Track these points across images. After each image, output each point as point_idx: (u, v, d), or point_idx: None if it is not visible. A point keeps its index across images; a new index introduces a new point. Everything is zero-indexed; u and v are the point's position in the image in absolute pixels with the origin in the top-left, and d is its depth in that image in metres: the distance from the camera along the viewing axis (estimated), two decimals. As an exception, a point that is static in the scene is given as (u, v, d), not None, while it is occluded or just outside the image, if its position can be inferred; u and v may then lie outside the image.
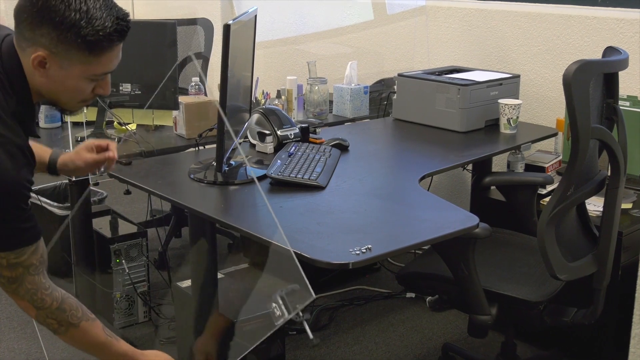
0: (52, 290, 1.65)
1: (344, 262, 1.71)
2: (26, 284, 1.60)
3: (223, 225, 2.01)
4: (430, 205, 2.15)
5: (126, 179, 2.40)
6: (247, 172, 2.44)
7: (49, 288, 1.64)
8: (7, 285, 1.60)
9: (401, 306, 3.40)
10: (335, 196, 2.22)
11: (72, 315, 1.66)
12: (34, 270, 1.59)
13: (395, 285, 3.48)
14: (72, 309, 1.67)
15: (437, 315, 3.28)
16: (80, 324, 1.67)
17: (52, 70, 1.56)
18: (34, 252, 1.59)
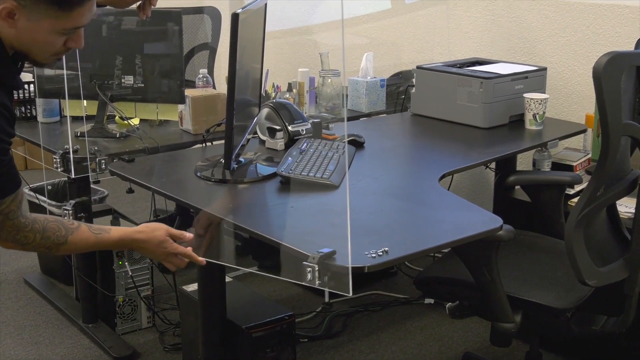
0: (32, 225, 1.76)
1: (359, 266, 1.72)
2: (7, 228, 1.72)
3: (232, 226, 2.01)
4: (450, 206, 2.15)
5: (128, 176, 2.41)
6: (256, 169, 2.44)
7: (28, 225, 1.75)
8: None
9: (419, 313, 3.39)
10: (350, 196, 2.22)
11: (57, 237, 1.79)
12: (12, 215, 1.71)
13: (413, 291, 3.48)
14: (55, 232, 1.79)
15: (457, 323, 3.27)
16: (67, 239, 1.80)
17: (21, 22, 1.62)
18: (14, 199, 1.70)
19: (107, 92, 3.02)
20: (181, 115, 3.15)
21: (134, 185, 2.45)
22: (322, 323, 3.25)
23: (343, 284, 1.72)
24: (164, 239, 1.91)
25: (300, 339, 3.12)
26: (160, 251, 1.92)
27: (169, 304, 3.37)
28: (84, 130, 2.95)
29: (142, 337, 3.21)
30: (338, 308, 3.39)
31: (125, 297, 3.19)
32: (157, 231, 1.92)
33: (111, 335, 3.16)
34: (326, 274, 1.74)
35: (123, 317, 3.21)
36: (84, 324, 3.23)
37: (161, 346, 3.12)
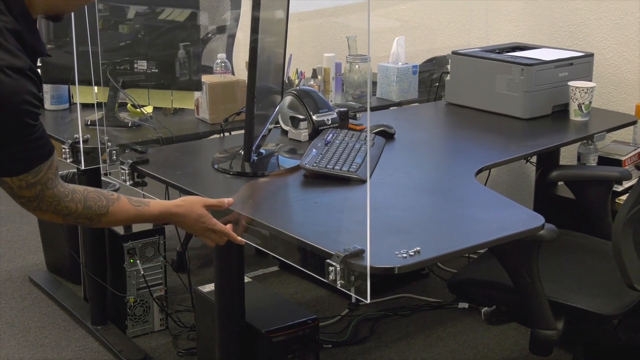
0: (72, 195, 1.82)
1: (388, 267, 1.72)
2: (47, 199, 1.77)
3: (251, 223, 2.02)
4: (487, 203, 2.14)
5: (141, 168, 2.42)
6: (278, 162, 2.44)
7: (69, 194, 1.82)
8: (27, 204, 1.78)
9: (452, 318, 3.39)
10: (379, 191, 2.22)
11: (98, 207, 1.86)
12: (51, 184, 1.77)
13: (446, 294, 3.47)
14: (96, 202, 1.86)
15: (493, 329, 3.26)
16: (108, 210, 1.88)
17: None
18: (50, 166, 1.75)
19: (118, 78, 3.03)
20: (197, 103, 3.16)
21: (146, 177, 2.46)
22: (348, 328, 3.26)
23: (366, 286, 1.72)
24: (202, 213, 1.98)
25: (324, 344, 3.12)
26: (198, 226, 1.99)
27: (184, 306, 3.39)
28: (94, 118, 2.96)
29: (154, 340, 3.22)
30: (365, 312, 3.39)
31: (137, 297, 3.21)
32: (194, 204, 1.98)
33: (121, 338, 3.19)
34: (351, 275, 1.73)
35: (134, 319, 3.23)
36: (93, 325, 3.25)
37: (175, 350, 3.13)
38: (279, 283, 3.67)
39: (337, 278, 1.74)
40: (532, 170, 3.66)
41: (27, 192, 1.74)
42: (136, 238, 3.17)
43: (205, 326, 2.79)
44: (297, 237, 1.86)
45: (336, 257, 1.74)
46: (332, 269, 1.74)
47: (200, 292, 2.80)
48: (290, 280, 3.69)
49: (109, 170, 2.56)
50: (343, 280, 1.74)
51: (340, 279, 1.74)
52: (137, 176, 2.44)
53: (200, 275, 3.72)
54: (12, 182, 1.72)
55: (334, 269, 1.73)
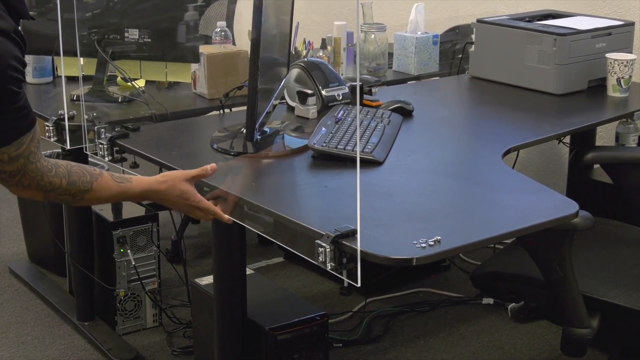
0: (56, 169, 1.86)
1: (406, 258, 1.72)
2: (29, 174, 1.81)
3: (254, 209, 2.03)
4: (515, 188, 2.15)
5: (133, 148, 2.42)
6: (284, 141, 2.45)
7: (53, 169, 1.85)
8: (8, 180, 1.81)
9: (476, 315, 3.39)
10: (396, 174, 2.22)
11: (82, 183, 1.91)
12: (33, 157, 1.80)
13: (469, 288, 3.47)
14: (80, 178, 1.90)
15: (521, 328, 3.27)
16: (92, 186, 1.92)
17: None
18: (32, 138, 1.78)
19: (107, 49, 3.04)
20: (195, 76, 3.16)
21: (138, 158, 2.46)
22: (360, 325, 3.26)
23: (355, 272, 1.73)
24: (184, 189, 2.02)
25: (334, 343, 3.13)
26: (182, 203, 2.04)
27: (179, 300, 3.40)
28: (80, 93, 2.97)
29: (146, 338, 3.24)
30: (379, 308, 3.40)
31: (128, 290, 3.23)
32: (176, 180, 2.03)
33: (111, 335, 3.20)
34: (343, 257, 1.74)
35: (125, 315, 3.24)
36: (79, 321, 3.27)
37: (169, 349, 3.15)
38: (284, 275, 3.68)
39: (327, 260, 1.75)
40: (565, 152, 3.66)
41: (9, 166, 1.77)
42: (127, 225, 3.18)
43: (203, 323, 2.80)
44: (304, 225, 1.87)
45: (326, 238, 1.75)
46: (322, 250, 1.75)
47: (198, 285, 2.81)
48: (297, 272, 3.70)
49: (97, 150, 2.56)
50: (334, 263, 1.75)
51: (331, 261, 1.75)
52: (117, 151, 2.47)
53: (197, 266, 3.73)
54: None
55: (324, 250, 1.74)
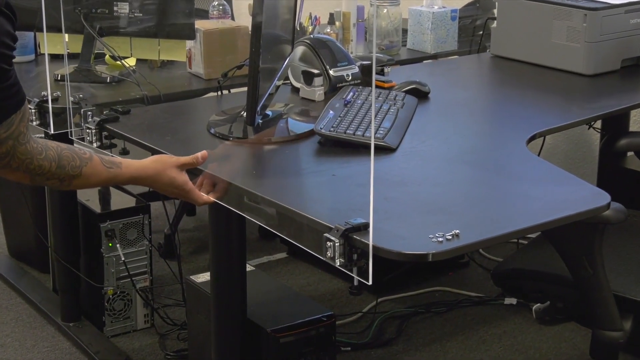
0: (45, 152, 1.89)
1: (421, 253, 1.72)
2: (18, 155, 1.84)
3: (255, 199, 2.03)
4: (541, 177, 2.14)
5: (123, 133, 2.42)
6: (288, 126, 2.44)
7: (42, 151, 1.88)
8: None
9: (497, 316, 3.39)
10: (410, 162, 2.22)
11: (72, 167, 1.94)
12: (23, 138, 1.83)
13: (490, 287, 3.48)
14: (70, 162, 1.94)
15: (547, 330, 3.27)
16: (81, 171, 1.96)
17: None
18: (22, 118, 1.81)
19: (95, 24, 3.03)
20: (190, 54, 3.16)
21: (129, 144, 2.46)
22: (371, 327, 3.27)
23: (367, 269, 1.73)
24: (174, 176, 2.09)
25: (342, 347, 3.13)
26: (172, 190, 2.11)
27: (173, 299, 3.41)
28: (65, 73, 2.97)
29: (137, 340, 3.25)
30: (391, 308, 3.40)
31: (117, 289, 3.23)
32: (166, 165, 2.09)
33: (98, 337, 3.21)
34: (353, 253, 1.74)
35: (113, 315, 3.25)
36: (64, 322, 3.28)
37: (162, 353, 3.16)
38: (287, 272, 3.68)
39: (335, 256, 1.74)
40: (595, 138, 3.65)
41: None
42: (116, 217, 3.18)
43: (199, 324, 2.81)
44: (310, 217, 1.87)
45: (335, 231, 1.75)
46: (330, 244, 1.74)
47: (193, 282, 2.81)
48: (302, 268, 3.70)
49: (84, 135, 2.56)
50: (343, 259, 1.75)
51: (340, 256, 1.75)
52: (106, 137, 2.47)
53: (192, 262, 3.74)
54: None
55: (332, 245, 1.74)
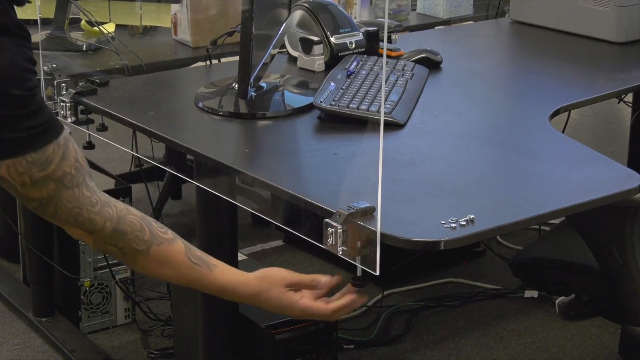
0: (101, 207, 1.76)
1: (432, 240, 1.72)
2: (64, 203, 1.71)
3: (247, 181, 2.03)
4: (565, 156, 2.14)
5: (101, 107, 2.42)
6: (284, 99, 2.44)
7: (97, 203, 1.75)
8: (42, 210, 1.72)
9: (516, 310, 3.40)
10: (420, 139, 2.22)
11: (136, 238, 1.78)
12: (70, 181, 1.70)
13: (509, 279, 3.48)
14: (134, 230, 1.78)
15: (571, 326, 3.27)
16: (150, 249, 1.79)
17: None
18: (64, 156, 1.69)
19: (69, -15, 3.03)
20: (175, 19, 3.16)
21: (107, 119, 2.46)
22: (376, 323, 3.28)
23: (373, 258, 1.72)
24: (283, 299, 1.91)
25: (344, 344, 3.14)
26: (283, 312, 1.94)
27: (156, 292, 3.41)
28: (37, 40, 2.97)
29: (117, 337, 3.25)
30: (399, 302, 3.41)
31: (94, 280, 3.24)
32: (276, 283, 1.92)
33: (73, 333, 3.21)
34: (357, 240, 1.74)
35: (90, 309, 3.26)
36: (36, 317, 3.28)
37: (144, 351, 3.16)
38: (283, 261, 3.69)
39: (337, 244, 1.74)
40: (626, 113, 3.65)
41: (36, 192, 1.69)
42: (93, 201, 3.19)
43: (186, 319, 2.81)
44: (309, 201, 1.87)
45: (337, 216, 1.74)
46: (332, 231, 1.74)
47: (179, 273, 2.82)
48: (299, 257, 3.70)
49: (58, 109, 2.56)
50: (346, 247, 1.74)
51: (342, 244, 1.74)
52: (82, 111, 2.45)
53: (178, 251, 3.74)
54: (10, 176, 1.65)
55: (334, 232, 1.74)
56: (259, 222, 3.91)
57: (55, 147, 1.67)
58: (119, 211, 1.77)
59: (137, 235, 1.78)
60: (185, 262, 1.83)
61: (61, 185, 1.69)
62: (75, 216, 1.73)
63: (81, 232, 1.76)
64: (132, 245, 1.78)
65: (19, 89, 1.60)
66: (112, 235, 1.76)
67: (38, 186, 1.67)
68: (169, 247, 1.82)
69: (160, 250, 1.80)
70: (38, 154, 1.65)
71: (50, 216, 1.74)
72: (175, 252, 1.82)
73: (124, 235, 1.77)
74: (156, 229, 1.81)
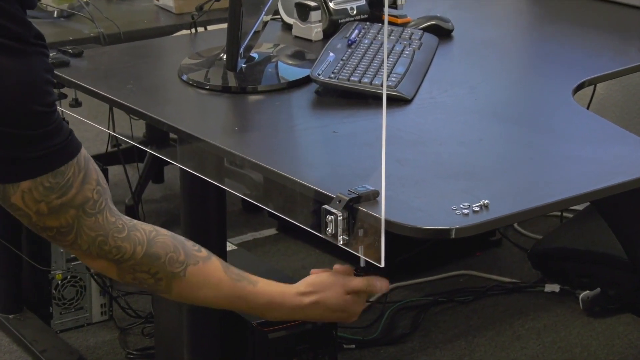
0: (129, 231, 1.74)
1: (442, 228, 1.72)
2: (86, 231, 1.69)
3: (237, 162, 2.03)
4: (590, 135, 2.15)
5: (74, 80, 2.42)
6: (277, 72, 2.44)
7: (124, 229, 1.73)
8: (61, 240, 1.70)
9: (536, 306, 3.41)
10: (429, 116, 2.22)
11: (170, 260, 1.76)
12: (92, 207, 1.68)
13: (527, 271, 3.49)
14: (168, 252, 1.77)
15: (597, 324, 3.28)
16: (186, 271, 1.78)
17: None
18: (84, 179, 1.66)
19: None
20: (157, -18, 3.16)
21: (80, 93, 2.46)
22: (380, 320, 3.28)
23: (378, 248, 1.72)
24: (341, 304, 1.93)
25: (345, 344, 3.15)
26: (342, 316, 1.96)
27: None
28: (1, 6, 2.97)
29: (92, 336, 3.26)
30: (405, 297, 3.41)
31: (67, 273, 3.24)
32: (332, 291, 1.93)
33: (44, 332, 3.22)
34: (359, 228, 1.74)
35: (63, 305, 3.26)
36: (2, 314, 3.29)
37: (122, 351, 3.17)
38: (277, 252, 3.69)
39: (337, 232, 1.74)
40: (658, 87, 3.65)
41: (54, 221, 1.66)
42: (65, 184, 3.19)
43: (168, 316, 2.81)
44: (306, 184, 1.87)
45: (337, 202, 1.74)
46: (331, 218, 1.74)
47: (161, 265, 2.82)
48: (295, 248, 3.71)
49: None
50: (347, 236, 1.74)
51: (343, 233, 1.74)
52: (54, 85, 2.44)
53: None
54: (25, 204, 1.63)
55: (334, 219, 1.74)
56: (249, 208, 3.91)
57: (76, 169, 1.65)
58: (148, 233, 1.76)
59: (172, 257, 1.77)
60: (226, 280, 1.82)
61: (82, 213, 1.68)
62: (100, 245, 1.71)
63: (105, 264, 1.74)
64: (167, 269, 1.76)
65: (40, 105, 1.59)
66: (143, 262, 1.75)
67: (55, 214, 1.65)
68: (205, 266, 1.81)
69: (197, 270, 1.79)
70: (57, 177, 1.63)
71: (68, 245, 1.71)
72: (213, 271, 1.82)
73: (157, 259, 1.75)
74: (189, 247, 1.80)
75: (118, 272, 1.75)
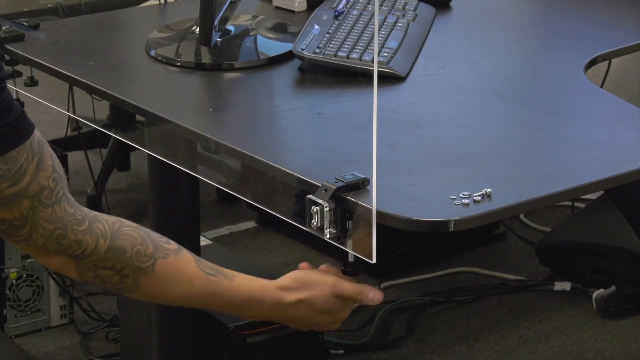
0: (90, 223, 1.71)
1: (439, 220, 1.72)
2: (42, 224, 1.66)
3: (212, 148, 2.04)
4: (604, 116, 2.15)
5: (30, 56, 2.42)
6: (256, 46, 2.45)
7: (84, 220, 1.70)
8: (14, 235, 1.66)
9: (544, 306, 3.42)
10: (425, 95, 2.23)
11: (137, 254, 1.74)
12: (48, 196, 1.65)
13: (534, 267, 3.50)
14: (135, 244, 1.74)
15: (612, 325, 3.29)
16: (155, 265, 1.75)
17: None
18: (39, 166, 1.64)
19: None
20: (121, -53, 3.16)
21: (37, 71, 2.46)
22: (371, 322, 3.30)
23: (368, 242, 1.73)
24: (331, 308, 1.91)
25: (332, 349, 3.16)
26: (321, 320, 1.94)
27: (99, 285, 3.42)
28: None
29: (51, 341, 3.26)
30: (399, 297, 3.42)
31: (22, 271, 3.24)
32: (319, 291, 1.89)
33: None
34: (347, 220, 1.75)
35: (18, 307, 3.26)
36: (-50, 317, 3.30)
37: (85, 357, 3.18)
38: (257, 247, 3.70)
39: (324, 225, 1.74)
40: (679, 63, 3.67)
41: (4, 212, 1.63)
42: (20, 173, 3.19)
43: (136, 318, 2.82)
44: (288, 171, 1.87)
45: (322, 191, 1.74)
46: (316, 209, 1.74)
47: (128, 261, 2.83)
48: (276, 242, 3.72)
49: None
50: (334, 229, 1.75)
51: (330, 226, 1.74)
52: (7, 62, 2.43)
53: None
54: None
55: (319, 210, 1.74)
56: (226, 199, 3.92)
57: (29, 154, 1.63)
58: (111, 225, 1.73)
59: (139, 250, 1.74)
60: (199, 275, 1.79)
61: (37, 203, 1.64)
62: (57, 239, 1.68)
63: (63, 261, 1.71)
64: (133, 264, 1.73)
65: None
66: (107, 257, 1.72)
67: (8, 206, 1.63)
68: (176, 259, 1.78)
69: (167, 264, 1.77)
70: (7, 163, 1.60)
71: (22, 241, 1.67)
72: (185, 265, 1.79)
73: (123, 253, 1.73)
74: (157, 239, 1.77)
75: (78, 269, 1.72)
